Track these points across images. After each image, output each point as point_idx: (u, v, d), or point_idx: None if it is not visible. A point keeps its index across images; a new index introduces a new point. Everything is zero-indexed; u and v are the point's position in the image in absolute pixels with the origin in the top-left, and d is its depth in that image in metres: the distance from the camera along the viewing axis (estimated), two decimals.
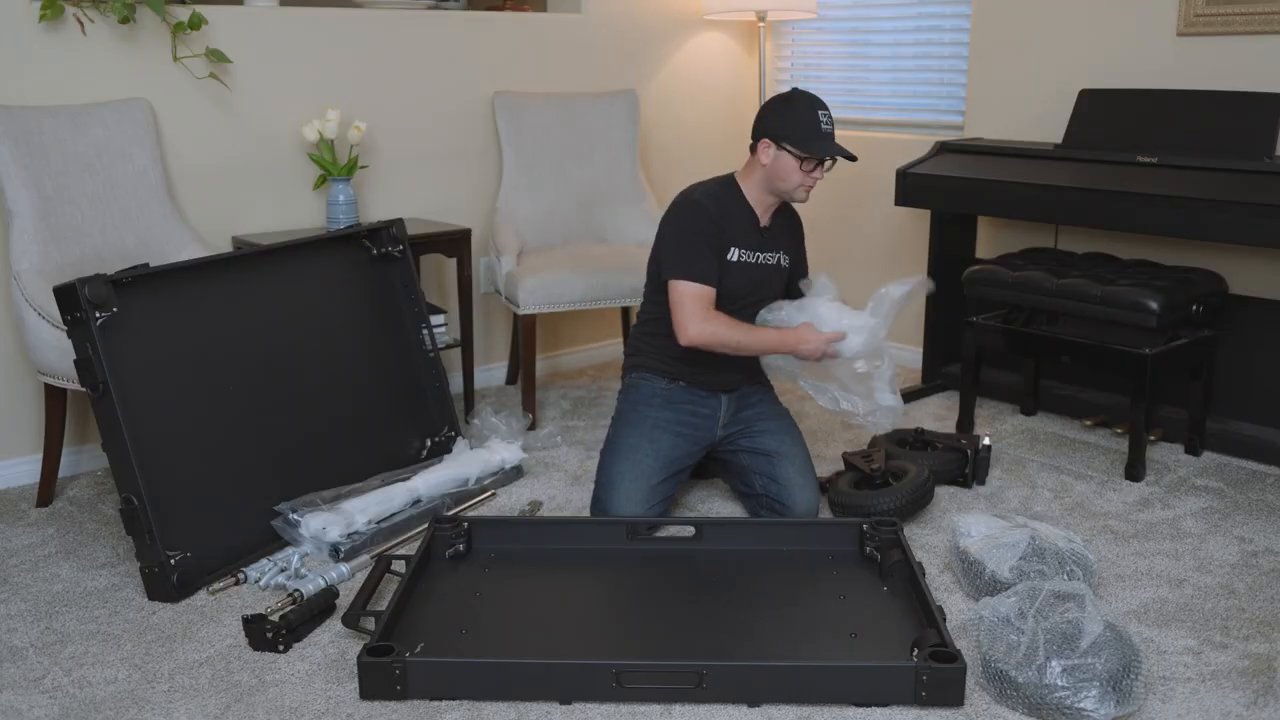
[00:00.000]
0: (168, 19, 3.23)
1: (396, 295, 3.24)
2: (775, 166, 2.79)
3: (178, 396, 2.62)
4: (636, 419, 2.89)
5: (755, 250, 2.87)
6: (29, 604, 2.52)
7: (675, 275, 2.76)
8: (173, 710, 2.11)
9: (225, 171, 3.45)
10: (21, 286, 2.86)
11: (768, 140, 2.78)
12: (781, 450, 2.90)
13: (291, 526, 2.72)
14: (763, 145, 2.79)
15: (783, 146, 2.76)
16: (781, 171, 2.79)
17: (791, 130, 2.76)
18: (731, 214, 2.84)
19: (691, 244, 2.77)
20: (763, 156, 2.80)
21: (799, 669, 2.12)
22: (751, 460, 2.92)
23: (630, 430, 2.88)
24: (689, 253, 2.76)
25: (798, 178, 2.78)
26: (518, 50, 4.02)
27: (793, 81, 4.70)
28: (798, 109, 2.78)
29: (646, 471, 2.81)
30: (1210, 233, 3.10)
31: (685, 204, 2.84)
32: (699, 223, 2.79)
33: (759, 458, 2.90)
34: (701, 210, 2.80)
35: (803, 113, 2.77)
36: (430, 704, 2.12)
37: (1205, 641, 2.35)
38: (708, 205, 2.81)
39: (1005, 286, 3.43)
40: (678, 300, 2.75)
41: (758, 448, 2.91)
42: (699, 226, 2.78)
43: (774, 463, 2.88)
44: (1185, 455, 3.41)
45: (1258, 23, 3.31)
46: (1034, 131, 3.85)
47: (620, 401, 2.98)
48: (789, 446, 2.91)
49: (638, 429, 2.87)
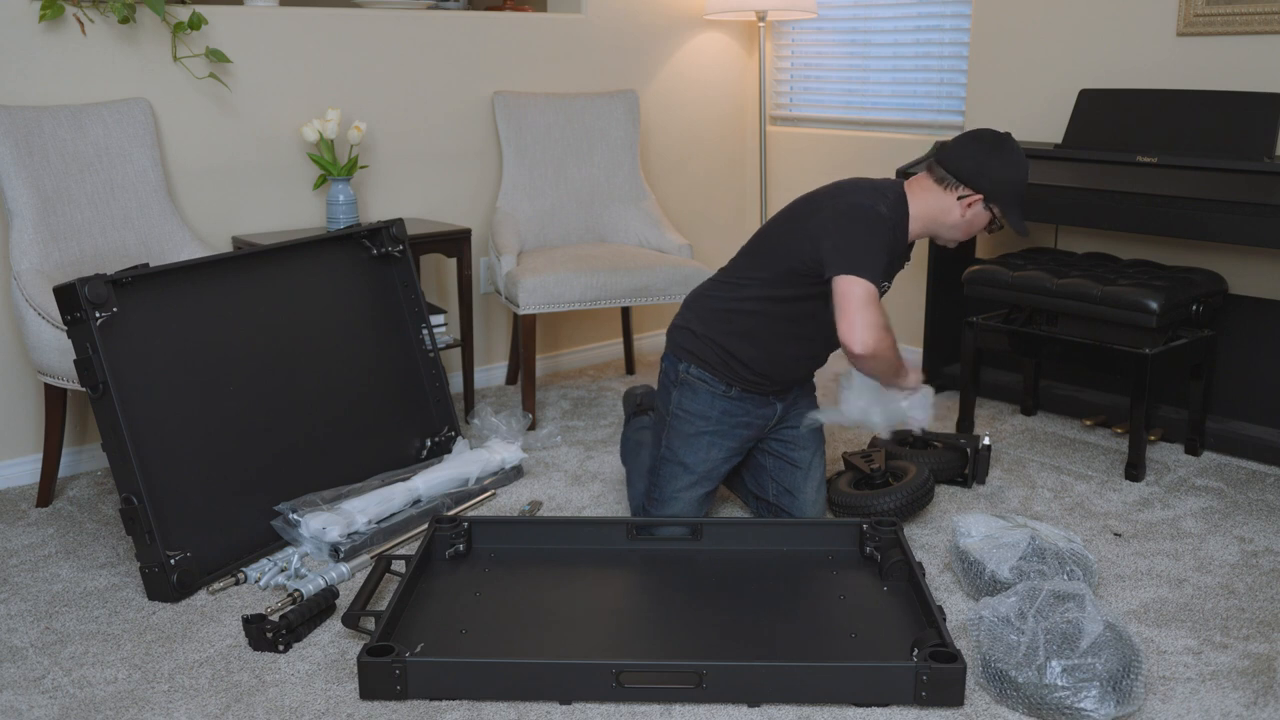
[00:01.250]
0: (168, 19, 3.23)
1: (396, 295, 3.24)
2: (973, 221, 2.63)
3: (178, 396, 2.62)
4: (698, 430, 2.74)
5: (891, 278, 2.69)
6: (29, 604, 2.52)
7: (859, 274, 2.49)
8: (173, 710, 2.11)
9: (225, 171, 3.45)
10: (21, 286, 2.86)
11: (980, 196, 2.59)
12: (805, 463, 2.84)
13: (291, 526, 2.72)
14: (972, 198, 2.59)
15: (991, 209, 2.60)
16: (973, 227, 2.64)
17: (1013, 201, 2.59)
18: (900, 240, 2.65)
19: (873, 248, 2.52)
20: (967, 211, 2.60)
21: (799, 669, 2.12)
22: (775, 465, 2.85)
23: (688, 446, 2.75)
24: (866, 255, 2.51)
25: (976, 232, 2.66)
26: (518, 50, 4.02)
27: (793, 82, 4.70)
28: (1022, 172, 2.60)
29: (699, 488, 2.76)
30: (1210, 233, 3.10)
31: (869, 209, 2.56)
32: (882, 236, 2.55)
33: (783, 465, 2.84)
34: (885, 226, 2.56)
35: (1024, 178, 2.61)
36: (430, 704, 2.12)
37: (1205, 641, 2.36)
38: (891, 225, 2.58)
39: (1005, 286, 3.43)
40: (863, 299, 2.47)
41: (785, 455, 2.84)
42: (882, 240, 2.54)
43: (795, 475, 2.83)
44: (1185, 455, 3.41)
45: (1257, 23, 3.31)
46: (1034, 131, 3.85)
47: (676, 396, 2.76)
48: (812, 459, 2.85)
49: (696, 445, 2.74)
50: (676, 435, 2.76)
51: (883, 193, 2.63)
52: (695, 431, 2.75)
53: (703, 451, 2.75)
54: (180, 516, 2.55)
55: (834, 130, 4.52)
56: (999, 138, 2.62)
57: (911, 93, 4.32)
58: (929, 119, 4.27)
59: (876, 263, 2.51)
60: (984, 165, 2.59)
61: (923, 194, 2.64)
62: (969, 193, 2.60)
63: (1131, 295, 3.15)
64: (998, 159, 2.59)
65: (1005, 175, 2.59)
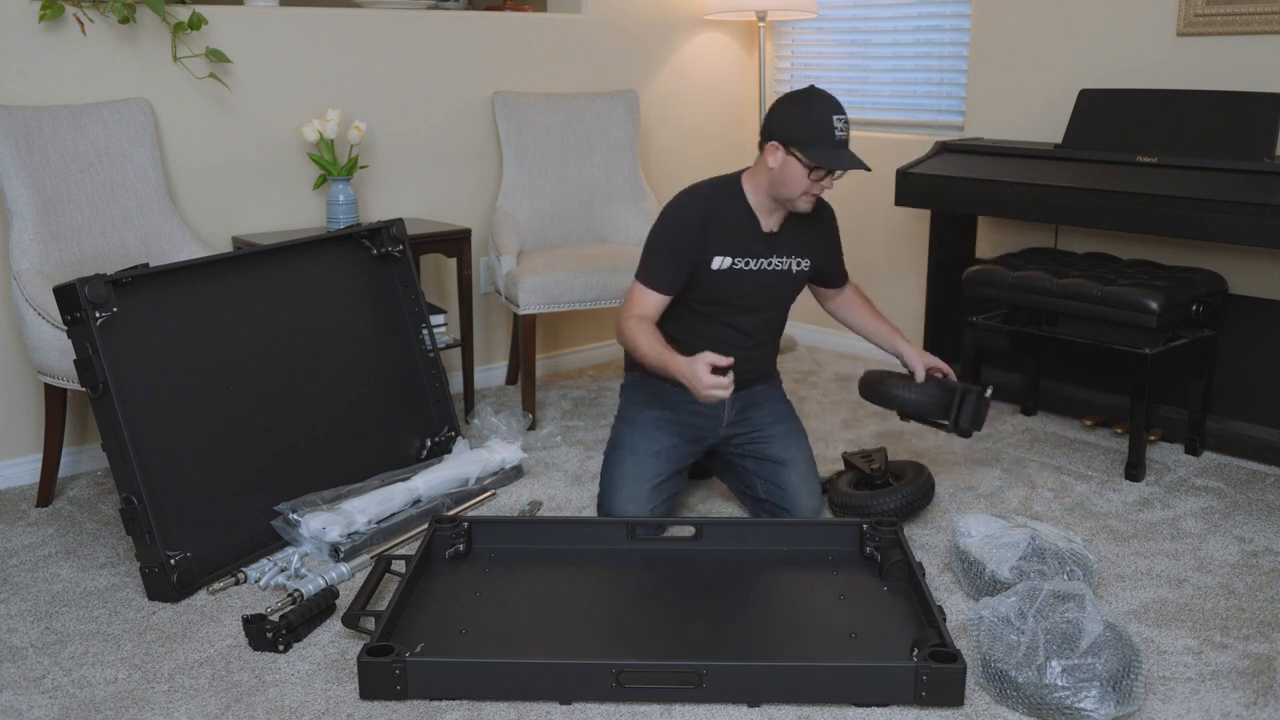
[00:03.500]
0: (168, 19, 3.23)
1: (396, 295, 3.24)
2: (782, 172, 2.65)
3: (178, 396, 2.62)
4: (637, 420, 2.88)
5: (754, 257, 2.77)
6: (29, 604, 2.52)
7: (636, 276, 2.78)
8: (173, 710, 2.11)
9: (225, 171, 3.45)
10: (21, 286, 2.86)
11: (777, 144, 2.65)
12: (787, 457, 2.87)
13: (291, 526, 2.72)
14: (771, 148, 2.66)
15: (792, 153, 2.62)
16: (787, 178, 2.65)
17: (804, 136, 2.61)
18: (723, 220, 2.74)
19: (656, 250, 2.75)
20: (770, 160, 2.66)
21: (799, 669, 2.12)
22: (756, 465, 2.89)
23: (631, 431, 2.87)
24: (650, 257, 2.76)
25: (803, 185, 2.64)
26: (518, 50, 4.02)
27: (792, 82, 4.70)
28: (813, 112, 2.62)
29: (648, 472, 2.80)
30: (1210, 233, 3.09)
31: (671, 205, 2.77)
32: (675, 230, 2.73)
33: (764, 463, 2.88)
34: (681, 216, 2.73)
35: (818, 117, 2.61)
36: (430, 704, 2.12)
37: (1205, 641, 2.35)
38: (691, 210, 2.73)
39: (1005, 286, 3.43)
40: (628, 298, 2.78)
41: (763, 453, 2.88)
42: (672, 234, 2.73)
43: (779, 470, 2.86)
44: (1185, 455, 3.41)
45: (1257, 23, 3.31)
46: (1034, 131, 3.85)
47: (622, 402, 2.97)
48: (794, 453, 2.88)
49: (639, 430, 2.86)
50: (625, 424, 2.90)
51: (705, 182, 2.82)
52: (642, 418, 2.87)
53: (648, 431, 2.83)
54: (180, 516, 2.55)
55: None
56: (797, 92, 2.71)
57: (911, 93, 4.32)
58: (929, 119, 4.27)
59: (655, 261, 2.73)
60: (775, 115, 2.69)
61: (755, 167, 2.77)
62: (768, 144, 2.69)
63: (1131, 295, 3.15)
64: (787, 107, 2.68)
65: (792, 118, 2.65)
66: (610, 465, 2.85)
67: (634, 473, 2.80)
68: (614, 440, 2.90)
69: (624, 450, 2.84)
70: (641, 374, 2.91)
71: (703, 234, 2.72)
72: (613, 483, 2.81)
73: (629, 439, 2.85)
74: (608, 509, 2.81)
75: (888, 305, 4.41)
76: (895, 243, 4.34)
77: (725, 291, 2.78)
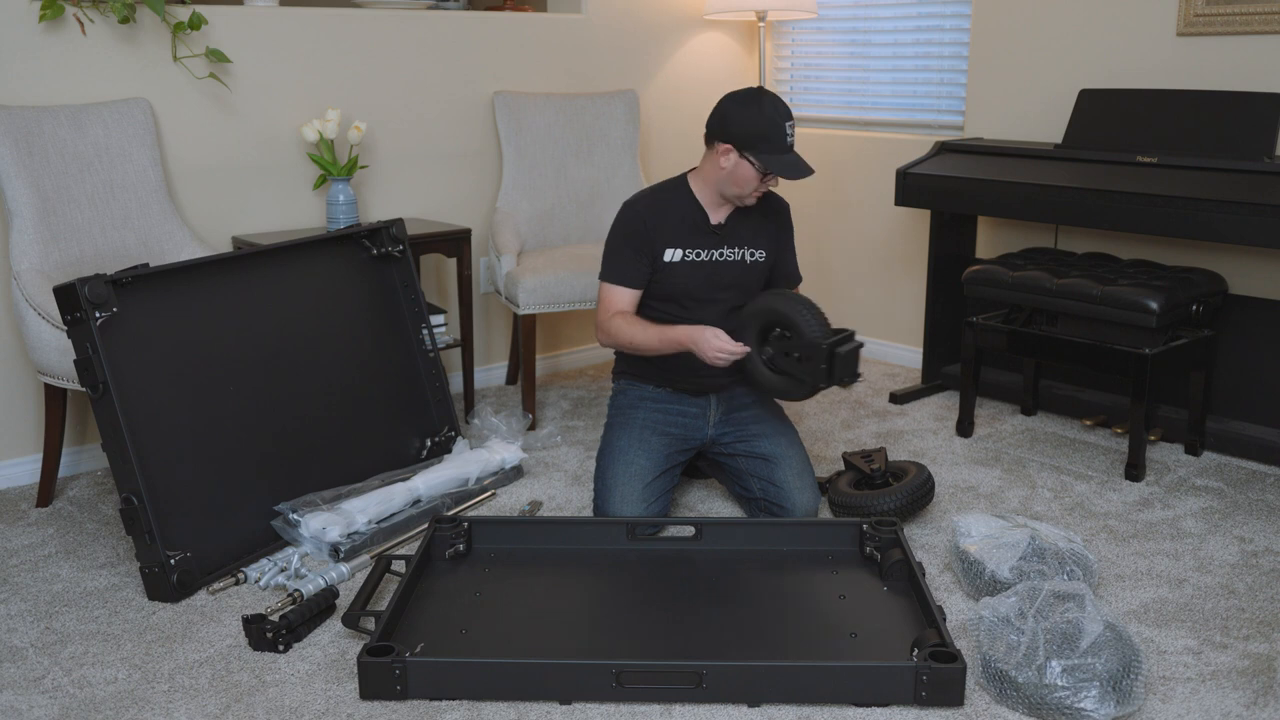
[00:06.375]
0: (168, 19, 3.23)
1: (396, 295, 3.24)
2: (734, 173, 2.75)
3: (178, 396, 2.62)
4: (626, 422, 2.93)
5: (705, 249, 2.85)
6: (29, 604, 2.52)
7: (600, 277, 2.87)
8: (173, 710, 2.11)
9: (225, 171, 3.45)
10: (21, 286, 2.86)
11: (729, 146, 2.73)
12: (778, 454, 2.88)
13: (291, 526, 2.72)
14: (723, 149, 2.74)
15: (745, 156, 2.72)
16: (739, 179, 2.75)
17: (758, 142, 2.70)
18: (670, 214, 2.84)
19: (615, 249, 2.84)
20: (722, 160, 2.76)
21: (799, 669, 2.12)
22: (748, 464, 2.91)
23: (620, 434, 2.90)
24: (610, 257, 2.85)
25: (754, 185, 2.76)
26: (518, 50, 4.02)
27: (793, 82, 4.70)
28: (765, 116, 2.70)
29: (640, 471, 2.82)
30: (1210, 233, 3.09)
31: (621, 208, 2.88)
32: (626, 227, 2.84)
33: (756, 462, 2.90)
34: (631, 213, 2.85)
35: (770, 122, 2.70)
36: (430, 704, 2.12)
37: (1205, 641, 2.36)
38: (640, 208, 2.85)
39: (1005, 286, 3.43)
40: (601, 301, 2.86)
41: (754, 452, 2.91)
42: (625, 230, 2.83)
43: (771, 467, 2.87)
44: (1185, 455, 3.41)
45: (1257, 23, 3.31)
46: (1034, 131, 3.85)
47: (610, 407, 3.02)
48: (785, 449, 2.90)
49: (628, 432, 2.90)
50: (613, 429, 2.94)
51: (655, 185, 2.95)
52: (630, 420, 2.92)
53: (636, 433, 2.88)
54: (180, 516, 2.55)
55: (834, 130, 4.52)
56: (747, 92, 2.77)
57: (911, 93, 4.32)
58: (929, 119, 4.27)
59: (617, 259, 2.83)
60: (726, 116, 2.75)
61: (703, 164, 2.86)
62: (719, 144, 2.76)
63: (1131, 295, 3.15)
64: (737, 108, 2.74)
65: (744, 121, 2.71)
66: (601, 469, 2.88)
67: (625, 474, 2.82)
68: (604, 445, 2.93)
69: (613, 453, 2.87)
70: (628, 380, 2.99)
71: (654, 229, 2.83)
72: (605, 486, 2.84)
73: (618, 442, 2.89)
74: (603, 512, 2.83)
75: (888, 305, 4.42)
76: (895, 243, 4.34)
77: (682, 284, 2.85)
